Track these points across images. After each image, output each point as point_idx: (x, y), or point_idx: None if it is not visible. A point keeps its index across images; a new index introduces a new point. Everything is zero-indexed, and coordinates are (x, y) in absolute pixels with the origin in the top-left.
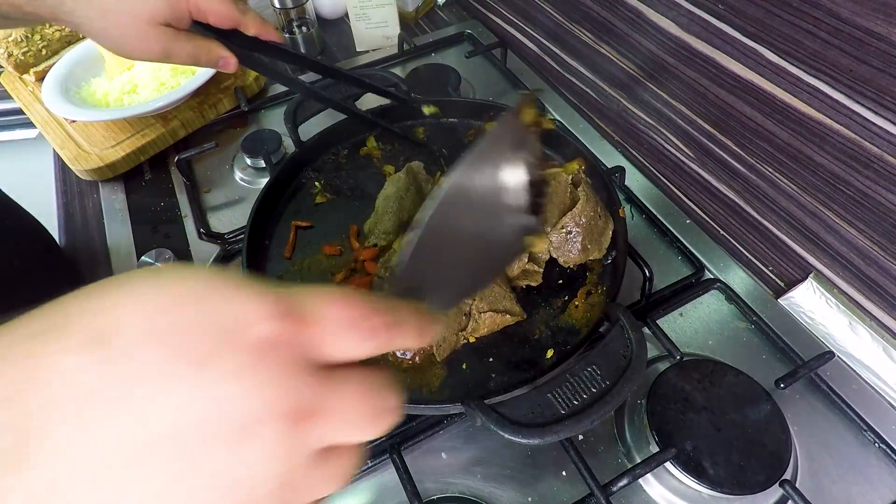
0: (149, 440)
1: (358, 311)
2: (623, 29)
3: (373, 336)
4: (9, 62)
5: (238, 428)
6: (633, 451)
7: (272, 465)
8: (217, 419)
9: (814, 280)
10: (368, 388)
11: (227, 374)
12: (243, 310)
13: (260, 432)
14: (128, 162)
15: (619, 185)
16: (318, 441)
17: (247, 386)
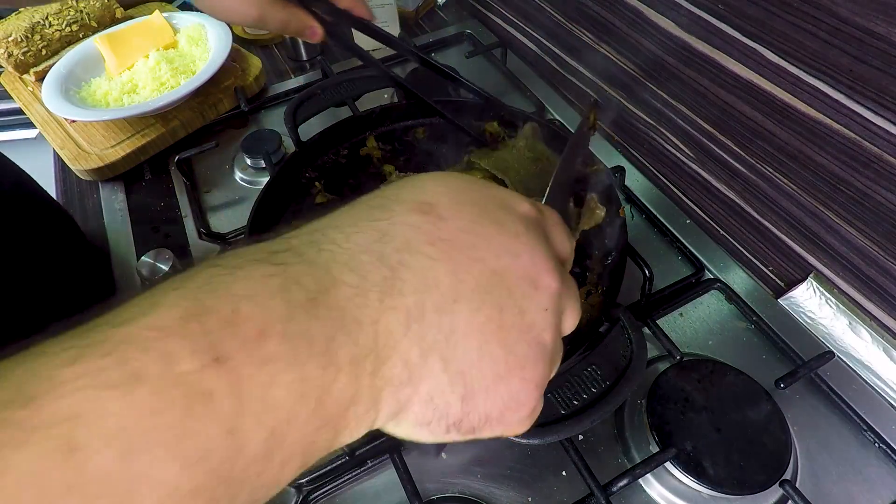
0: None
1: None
2: (623, 29)
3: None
4: (9, 62)
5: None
6: (633, 451)
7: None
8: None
9: (814, 280)
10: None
11: (517, 232)
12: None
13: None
14: (128, 162)
15: (619, 185)
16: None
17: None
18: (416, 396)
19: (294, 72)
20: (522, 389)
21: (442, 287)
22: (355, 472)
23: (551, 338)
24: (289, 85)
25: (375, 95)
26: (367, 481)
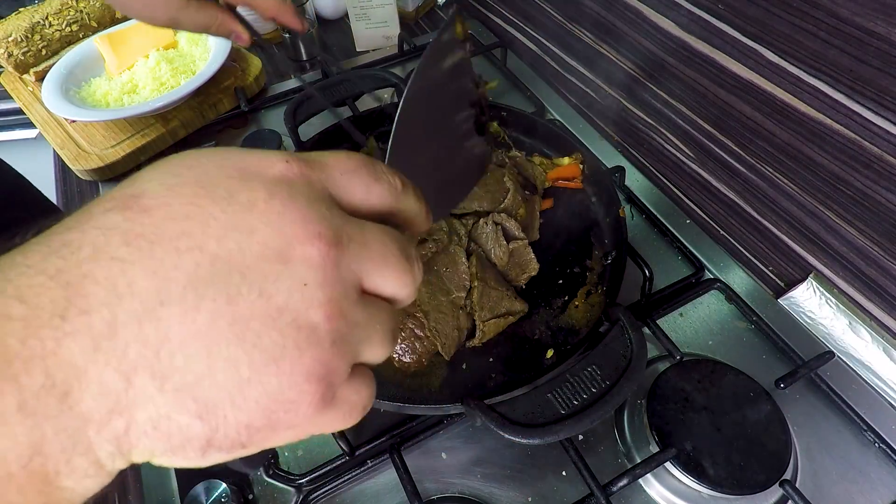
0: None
1: (359, 159)
2: (623, 29)
3: (377, 180)
4: (9, 62)
5: (275, 252)
6: (633, 451)
7: (315, 288)
8: (252, 245)
9: (814, 280)
10: (391, 231)
11: (254, 203)
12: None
13: (295, 254)
14: (128, 162)
15: (619, 185)
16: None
17: (275, 212)
18: (136, 426)
19: (294, 72)
20: (286, 385)
21: (139, 292)
22: (355, 472)
23: (326, 313)
24: (289, 85)
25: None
26: (367, 481)
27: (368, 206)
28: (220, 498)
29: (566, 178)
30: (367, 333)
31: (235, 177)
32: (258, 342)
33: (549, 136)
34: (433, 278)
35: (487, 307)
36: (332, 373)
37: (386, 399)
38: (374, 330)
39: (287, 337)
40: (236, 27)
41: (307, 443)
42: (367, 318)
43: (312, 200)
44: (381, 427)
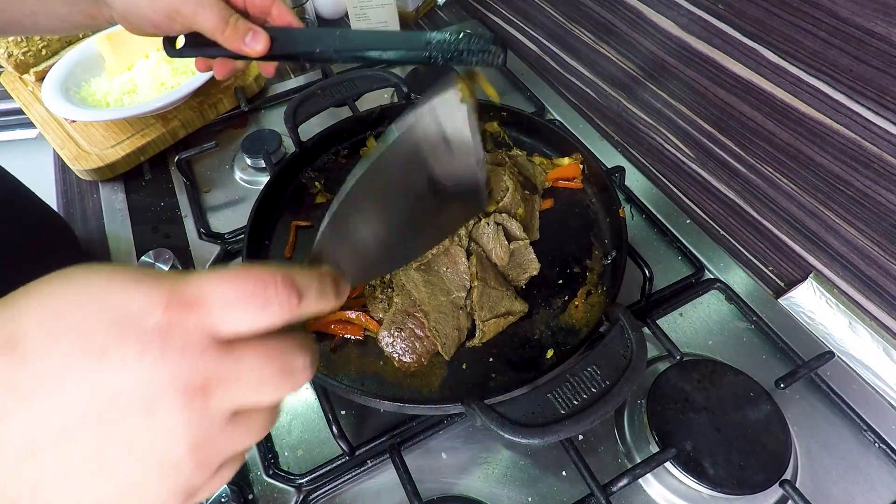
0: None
1: (249, 285)
2: (623, 29)
3: (266, 306)
4: (9, 62)
5: (142, 405)
6: (633, 451)
7: (179, 432)
8: (121, 400)
9: (814, 280)
10: (270, 351)
11: (125, 360)
12: (136, 302)
13: (161, 405)
14: (128, 162)
15: (619, 185)
16: (223, 406)
17: (145, 368)
18: None
19: (294, 72)
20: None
21: (15, 442)
22: (355, 472)
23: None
24: (289, 85)
25: (375, 95)
26: (367, 481)
27: (258, 331)
28: (220, 498)
29: (566, 178)
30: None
31: (113, 330)
32: (124, 478)
33: (549, 136)
34: (433, 278)
35: (487, 307)
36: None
37: (386, 399)
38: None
39: (150, 472)
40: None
41: (307, 443)
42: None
43: (185, 352)
44: (381, 427)
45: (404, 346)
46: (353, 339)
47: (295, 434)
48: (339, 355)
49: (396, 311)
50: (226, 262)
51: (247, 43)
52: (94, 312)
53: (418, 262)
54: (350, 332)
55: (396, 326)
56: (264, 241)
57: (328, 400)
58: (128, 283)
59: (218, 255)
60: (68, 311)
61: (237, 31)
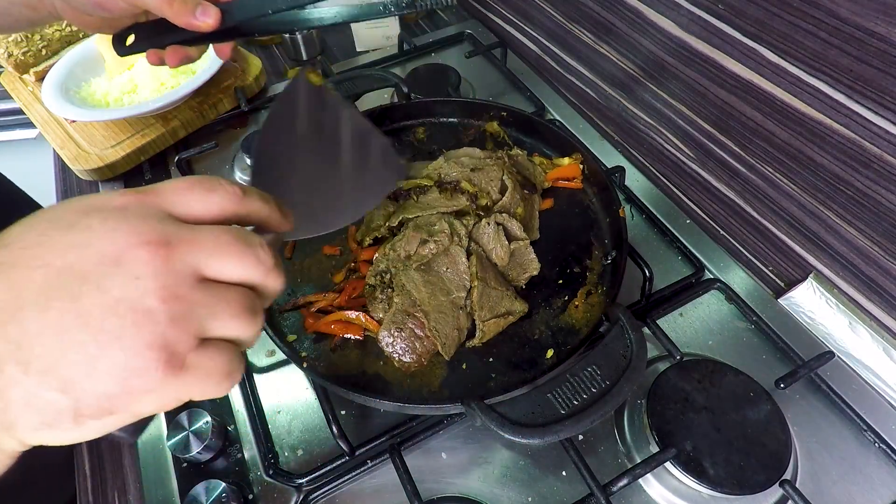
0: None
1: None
2: (623, 29)
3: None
4: (9, 62)
5: (109, 258)
6: (633, 451)
7: (147, 279)
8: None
9: (814, 280)
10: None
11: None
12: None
13: (129, 256)
14: (128, 162)
15: (619, 185)
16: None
17: (108, 228)
18: (13, 405)
19: None
20: (130, 356)
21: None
22: (355, 472)
23: (160, 297)
24: None
25: (375, 95)
26: (367, 481)
27: (210, 214)
28: (220, 498)
29: (566, 178)
30: (210, 310)
31: (80, 210)
32: (101, 326)
33: (549, 136)
34: (433, 278)
35: (487, 307)
36: (172, 342)
37: (386, 399)
38: (220, 308)
39: (125, 319)
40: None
41: (307, 443)
42: (209, 297)
43: (144, 217)
44: (381, 427)
45: (404, 346)
46: (353, 339)
47: (295, 434)
48: (339, 355)
49: (396, 311)
50: None
51: (197, 17)
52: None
53: (418, 262)
54: (350, 332)
55: (396, 326)
56: None
57: (328, 400)
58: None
59: None
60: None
61: (185, 5)
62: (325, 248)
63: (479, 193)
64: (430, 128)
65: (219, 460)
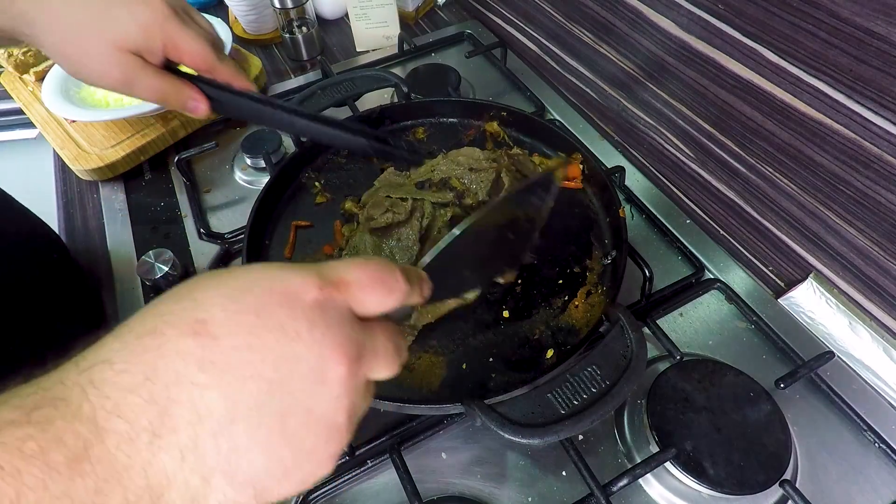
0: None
1: (377, 272)
2: (623, 29)
3: (391, 292)
4: (9, 62)
5: (317, 372)
6: (633, 451)
7: (343, 397)
8: (301, 369)
9: (814, 280)
10: (391, 331)
11: (299, 333)
12: (294, 284)
13: (332, 375)
14: (128, 162)
15: (619, 185)
16: (366, 376)
17: (315, 339)
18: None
19: (294, 72)
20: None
21: (215, 414)
22: (355, 472)
23: (347, 414)
24: (289, 85)
25: (376, 95)
26: (367, 481)
27: (381, 312)
28: None
29: (566, 178)
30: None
31: (283, 305)
32: (303, 445)
33: (549, 136)
34: (384, 245)
35: None
36: (343, 444)
37: (386, 399)
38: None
39: (320, 437)
40: (194, 95)
41: None
42: (368, 399)
43: (341, 324)
44: (381, 427)
45: None
46: None
47: None
48: None
49: None
50: (226, 262)
51: (189, 109)
52: (262, 295)
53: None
54: None
55: None
56: (264, 241)
57: None
58: (283, 271)
59: (218, 255)
60: (240, 295)
61: (178, 102)
62: (326, 248)
63: (465, 192)
64: (430, 128)
65: None
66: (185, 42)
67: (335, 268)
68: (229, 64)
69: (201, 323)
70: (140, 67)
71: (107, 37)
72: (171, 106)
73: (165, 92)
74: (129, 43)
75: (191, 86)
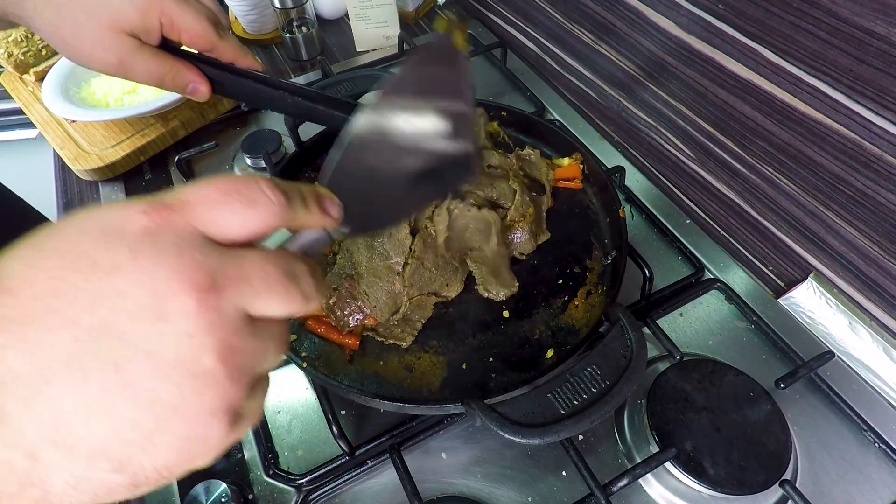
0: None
1: (231, 184)
2: (623, 29)
3: (253, 203)
4: (9, 62)
5: (151, 308)
6: (633, 451)
7: (201, 335)
8: (125, 306)
9: (814, 280)
10: (271, 255)
11: (117, 265)
12: (114, 216)
13: (172, 307)
14: (128, 162)
15: (619, 185)
16: (238, 306)
17: (142, 268)
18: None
19: (294, 72)
20: (193, 425)
21: (22, 376)
22: (355, 472)
23: (217, 356)
24: None
25: None
26: (367, 481)
27: (250, 234)
28: (220, 498)
29: (566, 178)
30: (261, 354)
31: (97, 239)
32: (156, 398)
33: (549, 136)
34: (375, 242)
35: (417, 285)
36: (233, 402)
37: (386, 399)
38: (268, 349)
39: (184, 386)
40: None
41: (307, 443)
42: (259, 342)
43: (182, 248)
44: (381, 427)
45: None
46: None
47: (295, 434)
48: (339, 355)
49: (334, 273)
50: None
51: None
52: (74, 232)
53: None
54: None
55: (332, 286)
56: None
57: (328, 400)
58: (102, 207)
59: None
60: (45, 241)
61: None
62: (326, 248)
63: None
64: None
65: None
66: (184, 19)
67: (175, 191)
68: (232, 42)
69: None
70: (136, 49)
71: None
72: (170, 88)
73: (163, 74)
74: (124, 22)
75: (191, 67)
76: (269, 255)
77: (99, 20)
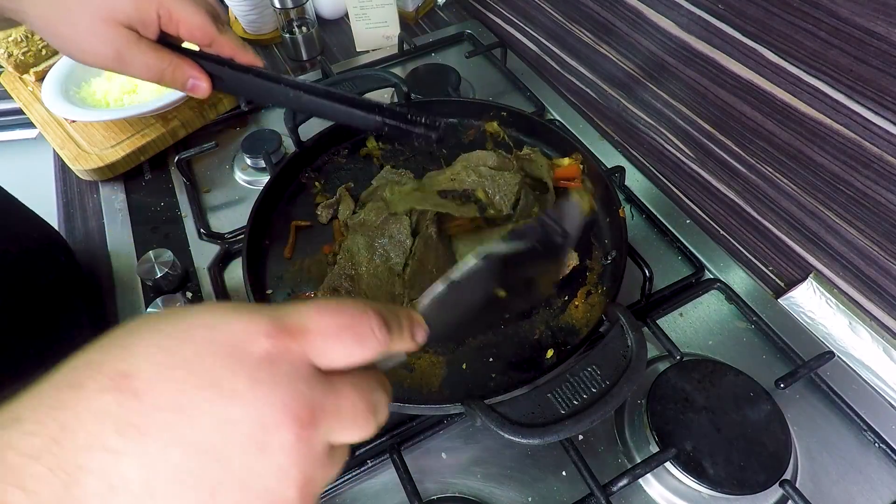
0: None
1: (345, 318)
2: (623, 29)
3: (361, 341)
4: (9, 62)
5: (257, 438)
6: (633, 451)
7: (291, 471)
8: (236, 434)
9: (814, 280)
10: (362, 387)
11: (236, 392)
12: (240, 332)
13: (277, 439)
14: (128, 162)
15: (619, 185)
16: (325, 440)
17: (257, 398)
18: None
19: (294, 72)
20: None
21: (132, 486)
22: (355, 471)
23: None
24: None
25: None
26: (367, 481)
27: (349, 365)
28: None
29: (566, 178)
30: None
31: (223, 360)
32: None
33: (549, 136)
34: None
35: (418, 286)
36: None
37: None
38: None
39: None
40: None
41: None
42: (332, 468)
43: (293, 380)
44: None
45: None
46: None
47: None
48: None
49: (334, 273)
50: (226, 262)
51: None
52: (200, 345)
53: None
54: None
55: (332, 287)
56: (264, 241)
57: None
58: (228, 315)
59: (218, 255)
60: (175, 345)
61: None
62: (326, 248)
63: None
64: None
65: None
66: (182, 13)
67: (294, 312)
68: (231, 37)
69: (124, 376)
70: (133, 42)
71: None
72: (169, 84)
73: (162, 69)
74: (120, 15)
75: (190, 62)
76: (359, 387)
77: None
